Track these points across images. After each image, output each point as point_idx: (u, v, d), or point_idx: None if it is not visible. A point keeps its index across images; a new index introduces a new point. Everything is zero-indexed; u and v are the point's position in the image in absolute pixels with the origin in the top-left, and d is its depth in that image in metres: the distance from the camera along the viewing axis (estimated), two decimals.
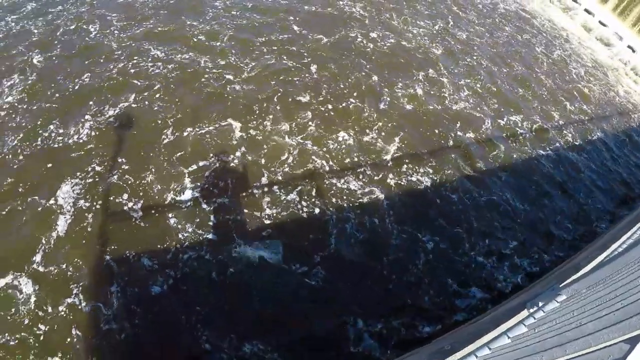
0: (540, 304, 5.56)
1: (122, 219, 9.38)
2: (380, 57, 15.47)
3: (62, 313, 7.89)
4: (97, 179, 9.96)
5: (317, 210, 10.18)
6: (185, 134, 11.21)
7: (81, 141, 10.77)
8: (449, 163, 12.19)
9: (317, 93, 13.24)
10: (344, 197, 10.56)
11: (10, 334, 7.53)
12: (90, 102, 11.76)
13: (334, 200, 10.47)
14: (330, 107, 12.79)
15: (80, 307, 7.97)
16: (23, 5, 15.44)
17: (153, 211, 9.58)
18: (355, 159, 11.47)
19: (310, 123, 12.09)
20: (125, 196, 9.72)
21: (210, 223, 9.56)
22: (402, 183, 11.24)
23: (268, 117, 12.03)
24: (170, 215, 9.55)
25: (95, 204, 9.53)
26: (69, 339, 7.58)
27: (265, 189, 10.40)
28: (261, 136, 11.48)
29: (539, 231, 11.64)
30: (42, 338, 7.56)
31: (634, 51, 23.84)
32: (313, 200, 10.33)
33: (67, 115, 11.36)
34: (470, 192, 11.65)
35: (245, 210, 9.92)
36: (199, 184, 10.20)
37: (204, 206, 9.82)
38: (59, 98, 11.82)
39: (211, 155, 10.84)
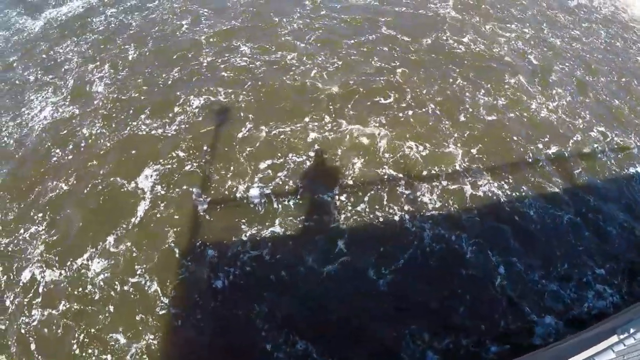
0: (632, 330, 5.37)
1: (191, 210, 9.94)
2: (468, 63, 14.90)
3: (126, 292, 8.60)
4: (174, 168, 10.65)
5: (389, 218, 10.09)
6: (263, 130, 11.59)
7: (165, 131, 11.51)
8: (530, 178, 11.50)
9: (399, 97, 13.09)
10: (416, 207, 10.38)
11: (77, 305, 8.39)
12: (178, 93, 12.48)
13: (406, 208, 10.33)
14: (410, 112, 12.60)
15: (143, 289, 8.63)
16: (125, 0, 16.64)
17: (222, 205, 10.03)
18: (431, 169, 11.22)
19: (388, 127, 12.01)
20: (198, 188, 10.30)
21: (276, 222, 9.79)
22: (479, 195, 10.84)
23: (346, 119, 12.12)
24: (237, 210, 9.92)
25: (169, 192, 10.21)
26: (129, 317, 8.26)
27: (335, 193, 10.44)
28: (336, 138, 11.57)
29: (628, 258, 10.66)
30: (105, 312, 8.32)
31: None
32: (384, 207, 10.24)
33: (154, 106, 12.21)
34: (552, 210, 10.91)
35: (314, 214, 10.03)
36: (269, 182, 10.49)
37: (274, 205, 10.07)
38: (148, 90, 12.70)
39: (284, 154, 11.09)
